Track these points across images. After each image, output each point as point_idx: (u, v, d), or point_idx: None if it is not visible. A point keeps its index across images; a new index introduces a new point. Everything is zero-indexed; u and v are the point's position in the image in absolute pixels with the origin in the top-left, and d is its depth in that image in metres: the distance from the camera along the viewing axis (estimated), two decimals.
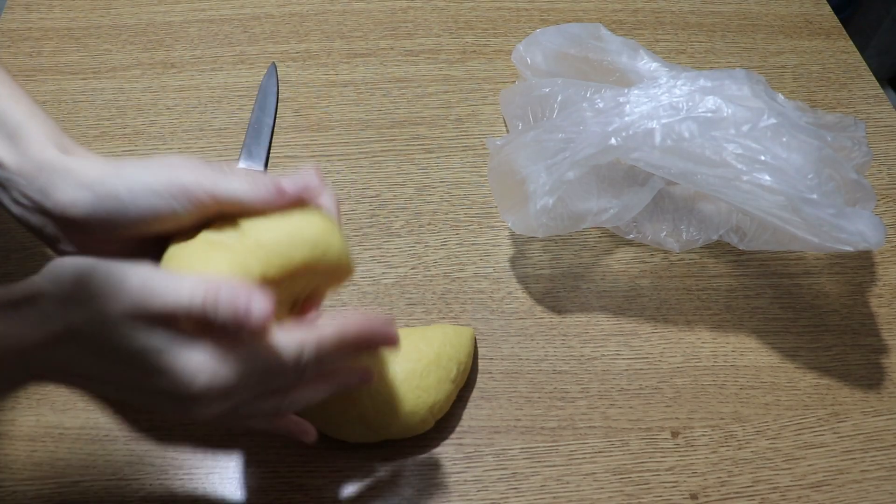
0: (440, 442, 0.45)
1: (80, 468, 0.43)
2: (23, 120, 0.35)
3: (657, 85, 0.47)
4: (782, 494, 0.45)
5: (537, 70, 0.56)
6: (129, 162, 0.35)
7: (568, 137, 0.46)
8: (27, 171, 0.34)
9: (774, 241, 0.49)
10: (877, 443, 0.47)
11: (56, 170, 0.34)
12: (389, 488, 0.43)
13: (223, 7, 0.67)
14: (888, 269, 0.55)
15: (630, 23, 0.69)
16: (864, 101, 0.65)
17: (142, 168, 0.34)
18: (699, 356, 0.50)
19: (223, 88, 0.61)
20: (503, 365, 0.48)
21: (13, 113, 0.36)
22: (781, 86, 0.65)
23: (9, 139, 0.35)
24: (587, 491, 0.44)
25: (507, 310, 0.51)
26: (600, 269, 0.53)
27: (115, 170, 0.34)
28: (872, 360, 0.51)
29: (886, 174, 0.61)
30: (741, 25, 0.70)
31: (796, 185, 0.43)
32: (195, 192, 0.33)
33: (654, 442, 0.46)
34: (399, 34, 0.66)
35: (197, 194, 0.33)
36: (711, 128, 0.45)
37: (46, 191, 0.34)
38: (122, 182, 0.33)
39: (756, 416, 0.47)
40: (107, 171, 0.34)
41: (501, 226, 0.55)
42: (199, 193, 0.33)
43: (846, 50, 0.69)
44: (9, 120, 0.35)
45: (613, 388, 0.48)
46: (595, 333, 0.50)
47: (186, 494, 0.42)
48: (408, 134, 0.59)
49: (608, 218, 0.49)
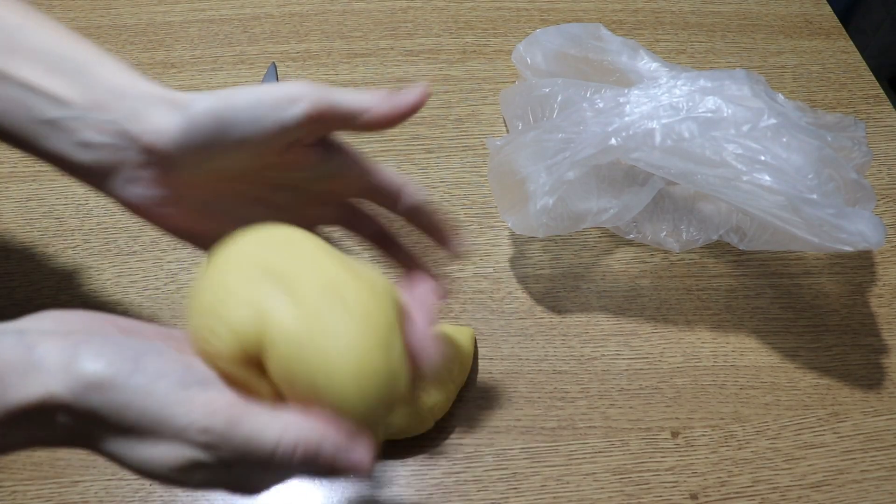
0: (440, 442, 0.45)
1: (80, 468, 0.43)
2: (89, 56, 0.31)
3: (657, 85, 0.47)
4: (782, 494, 0.45)
5: (537, 70, 0.56)
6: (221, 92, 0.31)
7: (568, 137, 0.46)
8: (104, 102, 0.30)
9: (774, 241, 0.49)
10: (877, 443, 0.47)
11: (141, 95, 0.30)
12: (389, 488, 0.43)
13: (223, 7, 0.67)
14: (888, 269, 0.55)
15: (630, 23, 0.69)
16: (864, 101, 0.65)
17: (237, 91, 0.31)
18: (699, 356, 0.50)
19: (223, 88, 0.61)
20: (503, 365, 0.48)
21: (78, 50, 0.31)
22: (781, 86, 0.65)
23: (75, 74, 0.30)
24: (587, 491, 0.44)
25: (507, 310, 0.51)
26: (600, 269, 0.53)
27: (210, 96, 0.30)
28: (872, 360, 0.51)
29: (886, 174, 0.61)
30: (741, 25, 0.70)
31: (796, 185, 0.43)
32: (307, 95, 0.30)
33: (654, 442, 0.46)
34: (399, 34, 0.66)
35: (310, 97, 0.30)
36: (711, 128, 0.45)
37: (131, 118, 0.30)
38: (221, 100, 0.30)
39: (756, 416, 0.47)
40: (201, 97, 0.30)
41: (501, 226, 0.55)
42: (311, 97, 0.30)
43: (846, 50, 0.69)
44: (73, 56, 0.31)
45: (613, 388, 0.48)
46: (595, 333, 0.50)
47: (186, 494, 0.42)
48: (408, 134, 0.59)
49: (608, 218, 0.49)
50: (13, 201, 0.53)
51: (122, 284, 0.50)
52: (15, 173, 0.54)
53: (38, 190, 0.54)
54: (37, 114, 0.30)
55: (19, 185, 0.54)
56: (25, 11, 0.33)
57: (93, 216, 0.53)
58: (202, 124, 0.30)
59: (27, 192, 0.53)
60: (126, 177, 0.31)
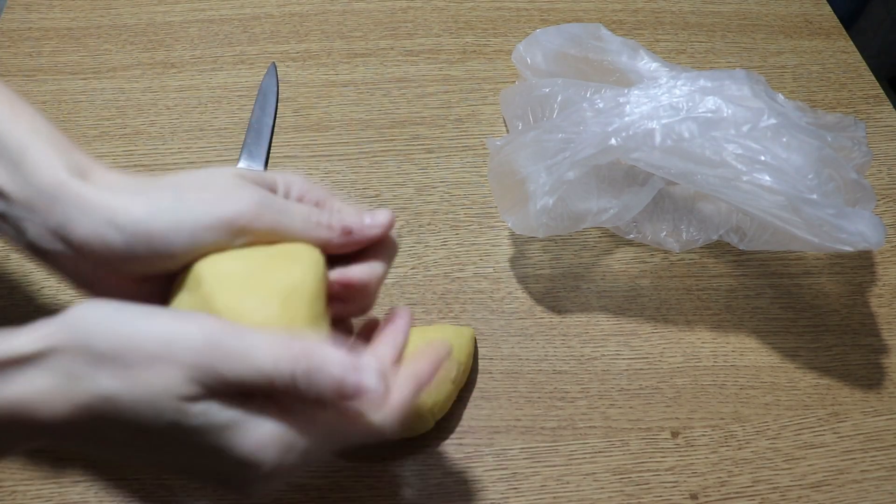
0: (440, 442, 0.45)
1: (80, 468, 0.43)
2: (26, 141, 0.30)
3: (657, 85, 0.47)
4: (782, 494, 0.45)
5: (537, 70, 0.56)
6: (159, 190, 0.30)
7: (568, 137, 0.46)
8: (39, 204, 0.29)
9: (774, 241, 0.49)
10: (877, 443, 0.47)
11: (73, 202, 0.29)
12: (389, 488, 0.43)
13: (223, 7, 0.67)
14: (888, 269, 0.55)
15: (630, 23, 0.69)
16: (864, 101, 0.65)
17: (178, 202, 0.29)
18: (699, 356, 0.50)
19: (223, 88, 0.61)
20: (503, 365, 0.48)
21: (13, 134, 0.30)
22: (781, 86, 0.65)
23: (12, 166, 0.30)
24: (587, 491, 0.44)
25: (507, 310, 0.51)
26: (600, 269, 0.53)
27: (147, 206, 0.29)
28: (872, 360, 0.51)
29: (886, 174, 0.61)
30: (741, 25, 0.70)
31: (796, 185, 0.43)
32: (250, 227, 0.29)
33: (654, 442, 0.46)
34: (399, 34, 0.66)
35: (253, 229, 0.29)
36: (711, 128, 0.45)
37: (66, 226, 0.29)
38: (159, 224, 0.29)
39: (756, 416, 0.47)
40: (137, 207, 0.29)
41: (501, 226, 0.55)
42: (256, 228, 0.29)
43: (846, 50, 0.69)
44: (9, 143, 0.30)
45: (613, 388, 0.48)
46: (595, 333, 0.50)
47: (186, 494, 0.42)
48: (408, 134, 0.59)
49: (608, 218, 0.49)
50: None
51: None
52: None
53: None
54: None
55: None
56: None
57: None
58: (140, 246, 0.29)
59: None
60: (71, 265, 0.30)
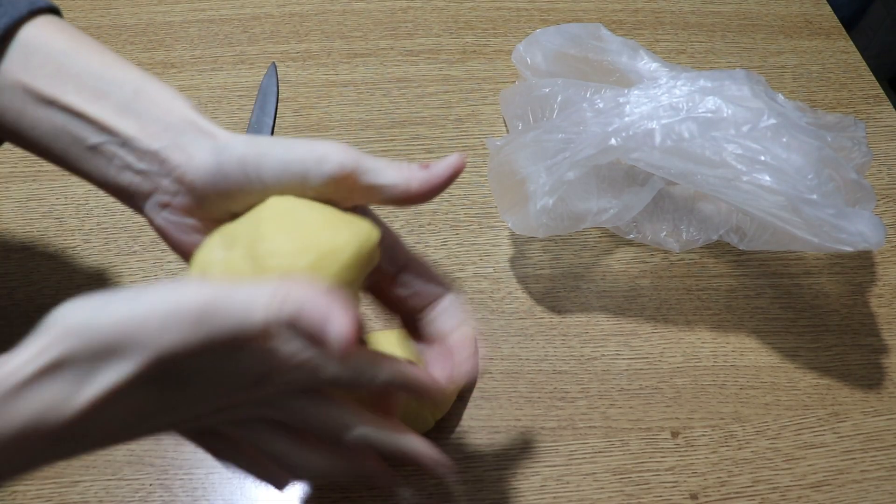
0: (440, 442, 0.45)
1: (80, 468, 0.43)
2: (135, 82, 0.32)
3: (657, 85, 0.47)
4: (782, 494, 0.45)
5: (537, 70, 0.56)
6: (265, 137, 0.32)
7: (568, 138, 0.46)
8: (147, 131, 0.31)
9: (774, 241, 0.49)
10: (877, 443, 0.47)
11: (184, 126, 0.31)
12: (389, 488, 0.43)
13: (223, 7, 0.67)
14: (888, 269, 0.55)
15: (630, 23, 0.69)
16: (864, 101, 0.65)
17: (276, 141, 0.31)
18: (699, 356, 0.50)
19: (223, 88, 0.61)
20: (503, 365, 0.48)
21: (123, 76, 0.32)
22: (781, 86, 0.65)
23: (120, 100, 0.32)
24: (587, 491, 0.44)
25: (507, 310, 0.51)
26: (600, 269, 0.53)
27: (248, 139, 0.31)
28: (872, 360, 0.51)
29: (886, 174, 0.61)
30: (741, 25, 0.70)
31: (796, 185, 0.43)
32: (336, 158, 0.30)
33: (654, 442, 0.46)
34: (399, 34, 0.66)
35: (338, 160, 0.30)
36: (711, 128, 0.45)
37: (172, 149, 0.31)
38: (253, 147, 0.31)
39: (756, 416, 0.47)
40: (238, 137, 0.31)
41: (501, 226, 0.55)
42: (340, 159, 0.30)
43: (846, 50, 0.69)
44: (119, 81, 0.32)
45: (613, 388, 0.48)
46: (595, 333, 0.50)
47: (186, 494, 0.42)
48: (408, 134, 0.59)
49: (608, 218, 0.49)
50: (13, 201, 0.53)
51: (122, 284, 0.50)
52: (15, 173, 0.54)
53: (38, 190, 0.54)
54: (81, 139, 0.32)
55: (19, 185, 0.54)
56: (72, 36, 0.34)
57: (93, 216, 0.53)
58: (230, 170, 0.31)
59: (27, 192, 0.53)
60: (157, 200, 0.32)
